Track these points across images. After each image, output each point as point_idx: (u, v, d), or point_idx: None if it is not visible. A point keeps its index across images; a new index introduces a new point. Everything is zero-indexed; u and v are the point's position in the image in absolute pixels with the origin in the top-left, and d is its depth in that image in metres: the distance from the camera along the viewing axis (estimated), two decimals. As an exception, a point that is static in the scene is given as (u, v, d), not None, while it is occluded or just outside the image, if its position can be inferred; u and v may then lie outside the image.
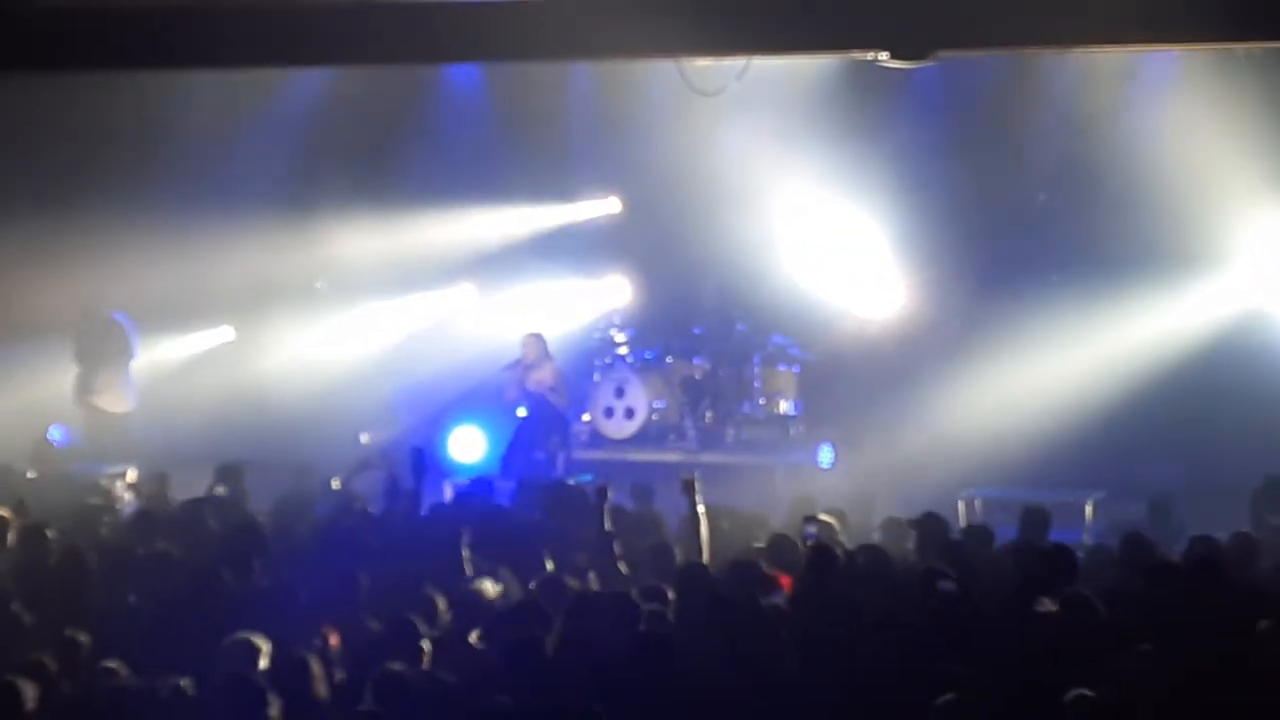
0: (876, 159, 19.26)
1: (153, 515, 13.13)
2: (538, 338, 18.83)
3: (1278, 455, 15.55)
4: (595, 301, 20.98)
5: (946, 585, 10.07)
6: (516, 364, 18.70)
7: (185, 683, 8.69)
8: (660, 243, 20.44)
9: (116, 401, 18.43)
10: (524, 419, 18.64)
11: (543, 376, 18.65)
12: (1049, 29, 12.32)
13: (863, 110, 18.88)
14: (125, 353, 18.42)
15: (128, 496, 15.27)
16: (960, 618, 9.78)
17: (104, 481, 15.68)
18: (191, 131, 19.96)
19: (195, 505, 13.17)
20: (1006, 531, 12.57)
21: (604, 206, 21.08)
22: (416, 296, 21.11)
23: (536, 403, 18.62)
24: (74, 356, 18.49)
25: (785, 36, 12.51)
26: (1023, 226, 19.40)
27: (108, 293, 18.82)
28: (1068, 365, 18.29)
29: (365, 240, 20.43)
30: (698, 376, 20.11)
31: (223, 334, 20.82)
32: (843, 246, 19.79)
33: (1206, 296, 18.43)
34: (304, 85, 19.74)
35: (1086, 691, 8.38)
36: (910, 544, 12.03)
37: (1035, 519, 12.27)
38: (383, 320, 21.03)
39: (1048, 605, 9.97)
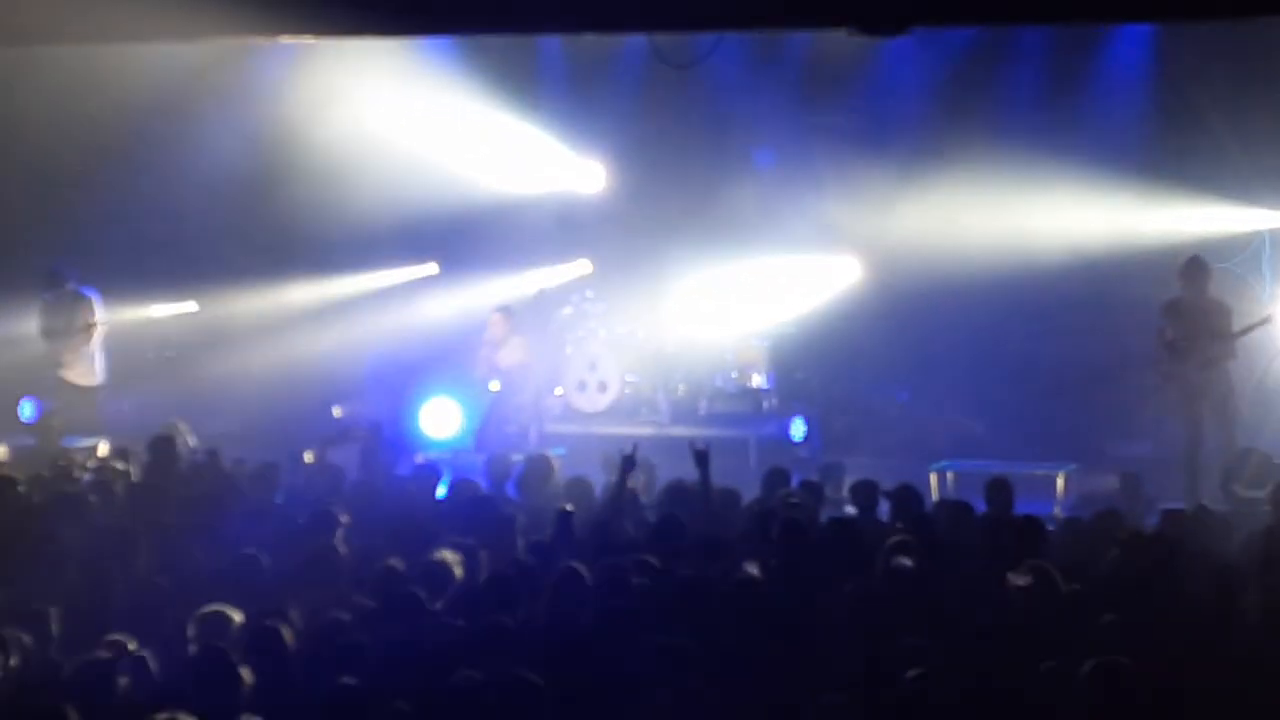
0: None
1: (115, 487, 13.11)
2: (504, 315, 18.78)
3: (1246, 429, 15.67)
4: (567, 275, 20.91)
5: (902, 562, 10.06)
6: (485, 345, 18.69)
7: (148, 655, 8.69)
8: (635, 215, 20.35)
9: (86, 375, 18.32)
10: (497, 393, 18.60)
11: (512, 352, 18.62)
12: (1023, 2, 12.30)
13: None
14: (94, 326, 18.28)
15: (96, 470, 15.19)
16: (930, 591, 9.79)
17: (75, 455, 15.60)
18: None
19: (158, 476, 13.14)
20: (978, 504, 12.60)
21: (584, 181, 20.98)
22: (385, 272, 21.05)
23: (509, 377, 18.59)
24: (41, 330, 18.37)
25: (759, 10, 12.49)
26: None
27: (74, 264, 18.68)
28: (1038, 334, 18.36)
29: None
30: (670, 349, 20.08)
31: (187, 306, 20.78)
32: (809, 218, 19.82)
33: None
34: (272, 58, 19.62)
35: (1056, 664, 8.40)
36: (882, 510, 12.08)
37: (999, 491, 12.31)
38: (355, 294, 20.96)
39: (1020, 578, 9.97)
